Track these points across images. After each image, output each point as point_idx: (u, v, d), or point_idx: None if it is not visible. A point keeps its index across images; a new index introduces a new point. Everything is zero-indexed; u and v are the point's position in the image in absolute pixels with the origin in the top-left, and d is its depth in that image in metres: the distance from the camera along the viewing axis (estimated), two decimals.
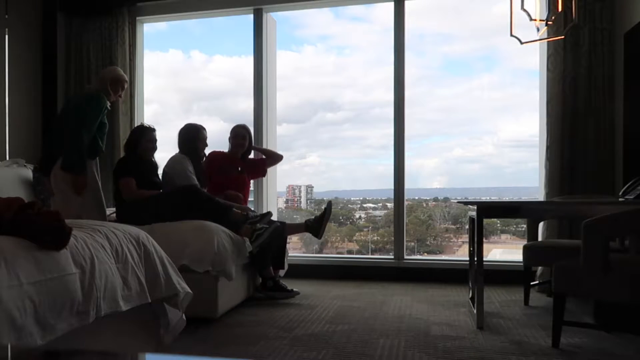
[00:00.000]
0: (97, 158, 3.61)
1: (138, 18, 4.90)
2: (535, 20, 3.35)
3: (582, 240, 2.38)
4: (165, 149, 4.17)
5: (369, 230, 5.78)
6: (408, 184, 4.58)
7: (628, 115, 3.68)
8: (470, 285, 3.51)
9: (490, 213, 3.30)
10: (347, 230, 5.88)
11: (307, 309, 3.40)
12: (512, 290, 3.90)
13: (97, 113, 3.41)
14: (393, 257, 4.56)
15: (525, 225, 4.05)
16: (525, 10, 3.28)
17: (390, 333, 2.82)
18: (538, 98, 4.26)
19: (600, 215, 2.37)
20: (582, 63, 3.94)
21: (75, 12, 4.86)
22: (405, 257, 4.54)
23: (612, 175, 3.89)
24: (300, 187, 5.97)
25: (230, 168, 4.12)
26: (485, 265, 2.98)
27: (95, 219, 3.05)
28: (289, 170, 5.89)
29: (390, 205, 4.84)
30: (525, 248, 3.50)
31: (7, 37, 4.46)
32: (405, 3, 4.52)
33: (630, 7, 3.68)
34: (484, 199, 4.34)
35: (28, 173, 4.04)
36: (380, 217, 5.81)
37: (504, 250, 5.28)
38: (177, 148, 3.86)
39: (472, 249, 3.32)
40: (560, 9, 3.48)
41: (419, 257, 4.87)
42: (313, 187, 6.00)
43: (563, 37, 3.75)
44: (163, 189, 3.69)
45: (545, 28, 3.47)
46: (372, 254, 5.38)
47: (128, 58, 4.79)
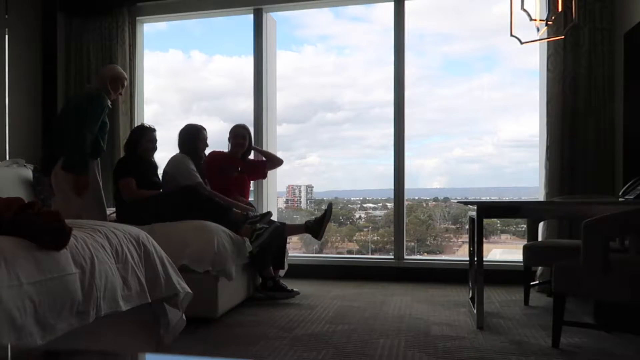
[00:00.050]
0: (98, 158, 3.62)
1: (138, 18, 4.90)
2: (535, 20, 3.35)
3: (582, 240, 2.38)
4: (165, 149, 4.18)
5: (369, 230, 5.78)
6: (408, 184, 4.58)
7: (628, 115, 3.68)
8: (470, 285, 3.51)
9: (490, 213, 3.30)
10: (347, 230, 5.88)
11: (307, 309, 3.40)
12: (512, 290, 3.90)
13: (98, 113, 3.40)
14: (393, 257, 4.56)
15: (525, 225, 4.05)
16: (525, 10, 3.28)
17: (390, 333, 2.82)
18: (538, 98, 4.26)
19: (600, 215, 2.37)
20: (582, 63, 3.94)
21: (75, 12, 4.86)
22: (405, 257, 4.54)
23: (612, 175, 3.89)
24: (300, 187, 5.96)
25: (230, 168, 4.12)
26: (485, 265, 2.98)
27: (96, 219, 3.05)
28: (289, 170, 5.91)
29: (390, 205, 4.84)
30: (525, 248, 3.50)
31: (7, 37, 4.46)
32: (405, 3, 4.52)
33: (630, 7, 3.68)
34: (484, 199, 4.34)
35: (28, 173, 4.04)
36: (380, 217, 5.81)
37: (504, 250, 5.28)
38: (177, 148, 3.87)
39: (472, 249, 3.32)
40: (560, 9, 3.48)
41: (419, 257, 4.87)
42: (313, 187, 6.00)
43: (563, 37, 3.75)
44: (163, 189, 3.69)
45: (545, 28, 3.47)
46: (372, 254, 5.38)
47: (128, 58, 4.79)
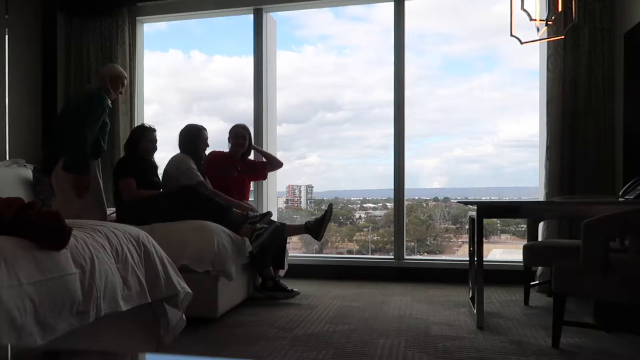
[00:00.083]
0: (99, 158, 3.61)
1: (138, 18, 4.90)
2: (535, 20, 3.35)
3: (582, 240, 2.38)
4: (166, 149, 4.18)
5: (369, 230, 5.78)
6: (408, 184, 4.58)
7: (628, 115, 3.68)
8: (470, 285, 3.51)
9: (490, 213, 3.30)
10: (347, 230, 5.88)
11: (307, 309, 3.40)
12: (512, 290, 3.90)
13: (99, 113, 3.40)
14: (393, 257, 4.56)
15: (525, 225, 4.05)
16: (525, 10, 3.28)
17: (390, 333, 2.82)
18: (538, 98, 4.26)
19: (600, 215, 2.37)
20: (582, 63, 3.94)
21: (75, 12, 4.86)
22: (405, 257, 4.54)
23: (612, 175, 3.89)
24: (300, 187, 5.96)
25: (230, 168, 4.12)
26: (485, 265, 2.98)
27: (96, 219, 3.04)
28: (289, 170, 5.90)
29: (390, 205, 4.84)
30: (525, 248, 3.50)
31: (7, 37, 4.46)
32: (405, 3, 4.52)
33: (630, 7, 3.68)
34: (484, 199, 4.34)
35: (28, 173, 4.04)
36: (380, 217, 5.81)
37: (504, 250, 5.28)
38: (177, 148, 3.87)
39: (472, 249, 3.32)
40: (560, 9, 3.48)
41: (419, 257, 4.87)
42: (313, 187, 6.00)
43: (563, 37, 3.75)
44: (164, 189, 3.69)
45: (545, 28, 3.47)
46: (372, 254, 5.38)
47: (128, 58, 4.79)
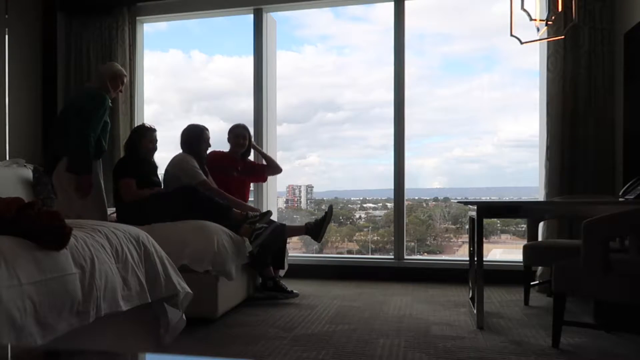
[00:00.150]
0: (100, 158, 3.61)
1: (138, 18, 4.89)
2: (535, 20, 3.35)
3: (582, 240, 2.38)
4: (166, 149, 4.18)
5: (369, 230, 5.78)
6: (408, 184, 4.58)
7: (628, 116, 3.68)
8: (470, 285, 3.51)
9: (490, 213, 3.30)
10: (347, 230, 5.88)
11: (307, 309, 3.40)
12: (512, 290, 3.90)
13: (100, 113, 3.40)
14: (393, 257, 4.56)
15: (525, 225, 4.05)
16: (525, 10, 3.28)
17: (390, 333, 2.82)
18: (538, 98, 4.26)
19: (600, 215, 2.37)
20: (582, 63, 3.94)
21: (75, 11, 4.87)
22: (405, 257, 4.54)
23: (612, 175, 3.89)
24: (300, 187, 5.96)
25: (230, 168, 4.13)
26: (485, 265, 2.98)
27: (97, 219, 3.04)
28: (289, 170, 5.89)
29: (390, 205, 4.84)
30: (525, 248, 3.50)
31: (7, 37, 4.46)
32: (405, 3, 4.52)
33: (630, 7, 3.67)
34: (484, 199, 4.34)
35: (28, 173, 4.04)
36: (380, 217, 5.81)
37: (504, 250, 5.29)
38: (177, 148, 3.88)
39: (472, 249, 3.32)
40: (560, 9, 3.48)
41: (419, 257, 4.87)
42: (313, 187, 6.00)
43: (563, 37, 3.75)
44: (165, 189, 3.69)
45: (545, 28, 3.47)
46: (372, 254, 5.38)
47: (128, 58, 4.79)
